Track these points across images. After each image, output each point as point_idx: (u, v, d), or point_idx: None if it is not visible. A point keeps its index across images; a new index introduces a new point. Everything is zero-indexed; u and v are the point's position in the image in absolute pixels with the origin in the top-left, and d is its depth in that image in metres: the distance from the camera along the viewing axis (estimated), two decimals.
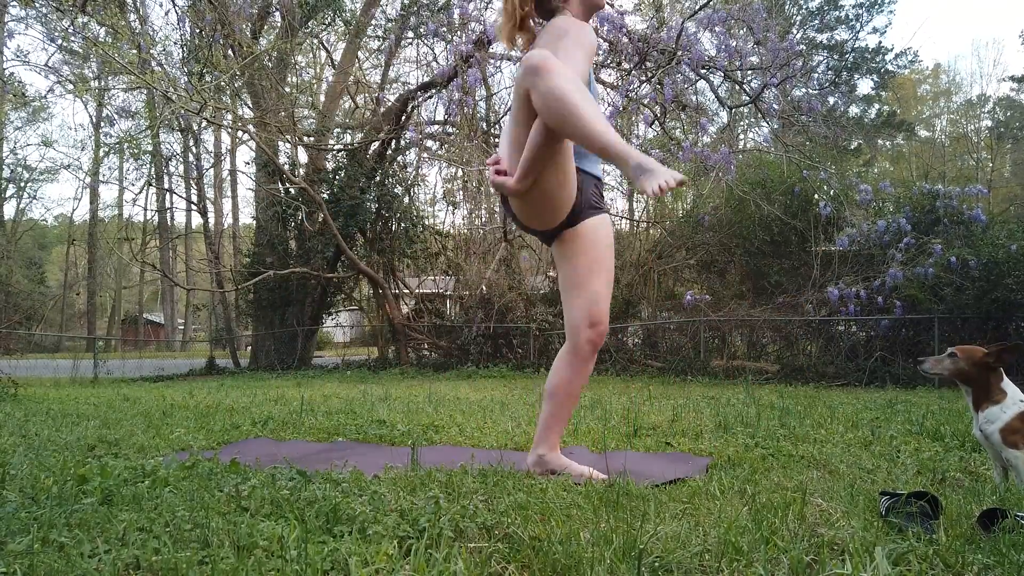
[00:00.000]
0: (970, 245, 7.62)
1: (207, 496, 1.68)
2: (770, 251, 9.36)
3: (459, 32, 9.55)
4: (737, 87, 9.81)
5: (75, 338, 25.09)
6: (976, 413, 2.03)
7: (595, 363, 2.21)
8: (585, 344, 2.11)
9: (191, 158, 16.45)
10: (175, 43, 11.64)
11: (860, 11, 19.94)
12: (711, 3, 9.45)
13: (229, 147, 19.34)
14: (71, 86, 13.61)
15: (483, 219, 12.02)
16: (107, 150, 17.88)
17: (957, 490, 1.96)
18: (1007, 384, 2.00)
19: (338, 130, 13.24)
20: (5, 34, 17.40)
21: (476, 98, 10.44)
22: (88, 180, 23.98)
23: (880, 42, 20.83)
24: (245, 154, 22.54)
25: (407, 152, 12.17)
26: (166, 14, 21.65)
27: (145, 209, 23.72)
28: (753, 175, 10.00)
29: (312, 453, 2.63)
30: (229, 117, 11.55)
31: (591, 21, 2.26)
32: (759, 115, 9.99)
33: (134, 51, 9.12)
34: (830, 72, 17.58)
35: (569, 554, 1.24)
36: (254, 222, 14.97)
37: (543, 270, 11.88)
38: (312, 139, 12.56)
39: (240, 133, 13.82)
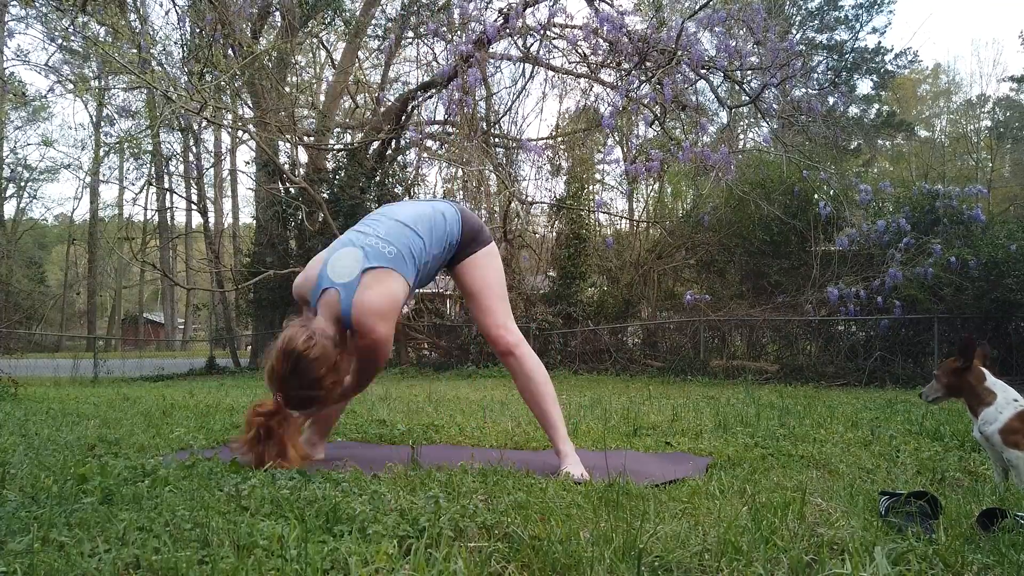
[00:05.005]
0: (970, 245, 7.62)
1: (207, 495, 1.68)
2: (770, 251, 9.35)
3: (459, 32, 9.56)
4: (737, 87, 9.81)
5: (75, 338, 25.08)
6: (974, 418, 2.04)
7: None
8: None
9: (191, 158, 16.46)
10: (175, 43, 11.66)
11: (860, 11, 19.91)
12: (711, 3, 9.45)
13: (229, 147, 19.36)
14: (71, 86, 13.63)
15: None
16: (107, 150, 17.95)
17: (957, 490, 1.96)
18: (993, 384, 2.01)
19: (338, 130, 13.24)
20: (5, 34, 17.41)
21: (476, 98, 10.44)
22: (88, 180, 24.05)
23: (880, 42, 20.69)
24: (245, 154, 22.54)
25: (407, 152, 12.16)
26: (166, 14, 21.68)
27: (145, 209, 23.78)
28: (753, 175, 10.00)
29: None
30: (229, 117, 11.54)
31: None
32: (759, 115, 10.00)
33: (134, 51, 9.12)
34: (829, 72, 17.56)
35: (569, 554, 1.24)
36: (254, 222, 14.97)
37: (543, 270, 11.88)
38: (312, 139, 12.55)
39: (240, 133, 13.83)
